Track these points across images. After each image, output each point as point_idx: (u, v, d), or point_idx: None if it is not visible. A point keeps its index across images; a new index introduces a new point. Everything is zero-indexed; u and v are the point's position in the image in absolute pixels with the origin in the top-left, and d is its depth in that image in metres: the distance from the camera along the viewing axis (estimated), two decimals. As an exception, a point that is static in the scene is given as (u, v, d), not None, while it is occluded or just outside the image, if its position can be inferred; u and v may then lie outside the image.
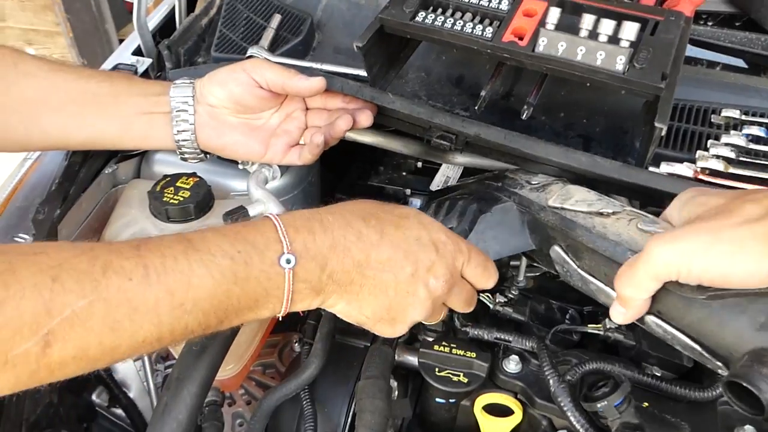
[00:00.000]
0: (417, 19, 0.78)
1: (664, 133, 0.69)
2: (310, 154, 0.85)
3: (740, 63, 0.90)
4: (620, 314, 0.60)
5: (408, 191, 1.20)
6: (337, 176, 1.24)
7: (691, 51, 0.90)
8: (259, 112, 0.85)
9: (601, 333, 0.78)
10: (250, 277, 0.56)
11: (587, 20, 0.70)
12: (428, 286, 0.63)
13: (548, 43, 0.72)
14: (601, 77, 0.71)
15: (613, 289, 0.63)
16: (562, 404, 0.69)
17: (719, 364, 0.57)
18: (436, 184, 1.15)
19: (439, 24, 0.77)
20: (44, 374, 0.49)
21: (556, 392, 0.69)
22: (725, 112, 0.80)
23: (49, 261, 0.49)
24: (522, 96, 0.87)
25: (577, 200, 0.69)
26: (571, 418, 0.67)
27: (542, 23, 0.73)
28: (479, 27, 0.76)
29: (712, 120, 0.81)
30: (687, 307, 0.56)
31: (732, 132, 0.77)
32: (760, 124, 0.78)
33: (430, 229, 0.65)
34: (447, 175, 1.15)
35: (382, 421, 0.68)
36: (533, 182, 0.78)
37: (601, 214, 0.66)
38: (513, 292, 0.82)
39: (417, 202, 1.20)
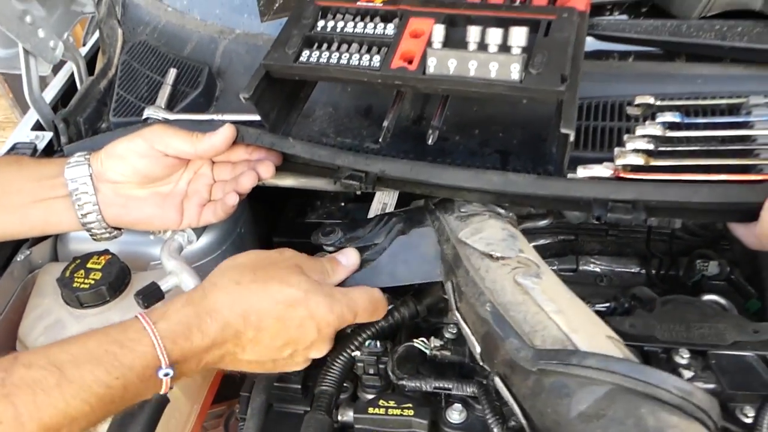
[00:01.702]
0: (301, 59, 0.73)
1: (572, 138, 0.64)
2: (224, 212, 0.80)
3: (654, 49, 0.86)
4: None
5: (348, 222, 1.15)
6: (275, 215, 1.19)
7: (601, 45, 0.86)
8: (166, 178, 0.80)
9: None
10: (128, 394, 0.57)
11: (473, 32, 0.66)
12: (308, 358, 0.69)
13: (438, 63, 0.67)
14: (499, 89, 0.66)
15: (476, 340, 0.63)
16: (507, 453, 0.63)
17: None
18: (374, 211, 1.10)
19: (325, 61, 0.72)
20: None
21: (501, 442, 0.64)
22: (639, 100, 0.76)
23: None
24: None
25: (482, 237, 0.68)
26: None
27: (429, 43, 0.69)
28: (366, 57, 0.71)
29: (628, 112, 0.77)
30: (523, 377, 0.54)
31: (647, 123, 0.72)
32: (672, 108, 0.74)
33: (315, 314, 0.65)
34: (383, 201, 1.11)
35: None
36: (462, 210, 0.76)
37: (491, 256, 0.65)
38: (450, 330, 0.77)
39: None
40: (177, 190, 0.81)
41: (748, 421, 0.66)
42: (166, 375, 0.58)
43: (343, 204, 1.20)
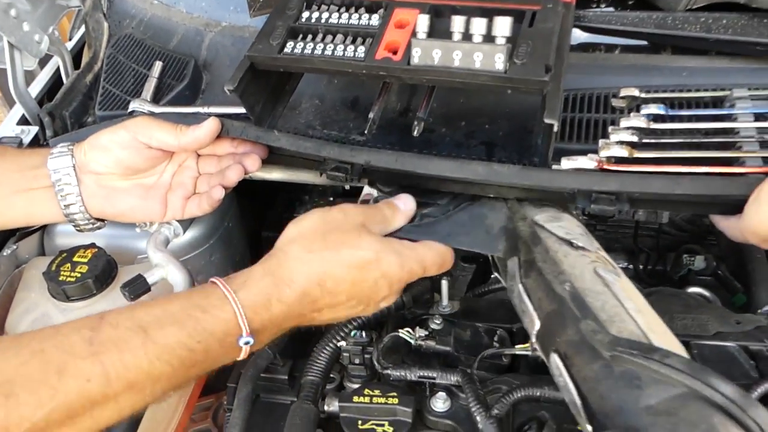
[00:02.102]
0: (286, 50, 0.73)
1: (557, 128, 0.65)
2: (209, 205, 0.80)
3: (640, 42, 0.86)
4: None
5: (337, 218, 1.15)
6: (263, 210, 1.19)
7: (588, 37, 0.86)
8: (150, 170, 0.80)
9: (530, 353, 0.73)
10: (209, 359, 0.59)
11: (458, 22, 0.66)
12: (379, 308, 0.70)
13: (423, 53, 0.67)
14: (483, 80, 0.66)
15: (537, 316, 0.62)
16: (491, 440, 0.64)
17: (589, 428, 0.53)
18: (362, 206, 1.10)
19: (309, 52, 0.72)
20: None
21: (484, 429, 0.65)
22: (624, 92, 0.76)
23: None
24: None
25: (561, 225, 0.68)
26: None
27: (414, 33, 0.68)
28: (351, 48, 0.71)
29: (613, 104, 0.77)
30: (590, 360, 0.54)
31: (632, 114, 0.72)
32: (657, 100, 0.74)
33: (387, 273, 0.66)
34: (371, 194, 1.11)
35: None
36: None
37: (571, 244, 0.65)
38: (436, 321, 0.77)
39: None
40: (161, 182, 0.80)
41: None
42: (246, 343, 0.60)
43: (331, 198, 1.20)
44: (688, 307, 0.78)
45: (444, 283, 0.80)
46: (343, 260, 0.64)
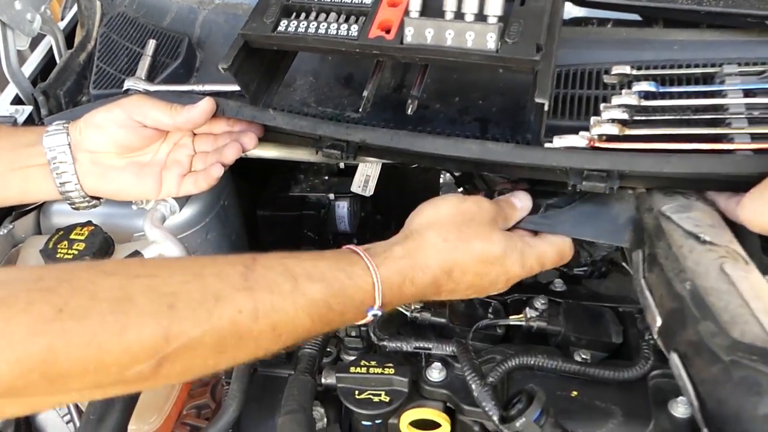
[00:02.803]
0: (279, 29, 0.73)
1: (547, 107, 0.65)
2: (206, 183, 0.81)
3: (633, 15, 0.87)
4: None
5: (332, 196, 1.16)
6: (258, 190, 1.20)
7: (580, 12, 0.86)
8: (145, 148, 0.80)
9: (524, 323, 0.74)
10: (341, 320, 0.62)
11: (450, 1, 0.66)
12: (488, 294, 0.72)
13: (415, 32, 0.68)
14: (475, 59, 0.67)
15: (659, 313, 0.62)
16: (486, 408, 0.66)
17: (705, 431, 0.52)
18: (357, 184, 1.11)
19: (303, 30, 0.73)
20: (146, 386, 0.52)
21: (479, 397, 0.66)
22: (616, 70, 0.77)
23: (163, 287, 0.51)
24: (414, 86, 0.83)
25: (690, 216, 0.66)
26: (497, 422, 0.64)
27: (407, 12, 0.69)
28: (344, 26, 0.71)
29: (605, 81, 0.78)
30: (709, 363, 0.52)
31: (624, 92, 0.73)
32: (648, 78, 0.75)
33: (508, 270, 0.68)
34: (366, 173, 1.11)
35: (307, 456, 0.65)
36: None
37: (698, 238, 0.63)
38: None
39: (344, 204, 1.17)
40: (156, 160, 0.81)
41: None
42: (374, 315, 0.63)
43: (326, 177, 1.20)
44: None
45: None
46: (473, 253, 0.66)
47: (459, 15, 0.66)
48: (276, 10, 0.74)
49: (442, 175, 1.27)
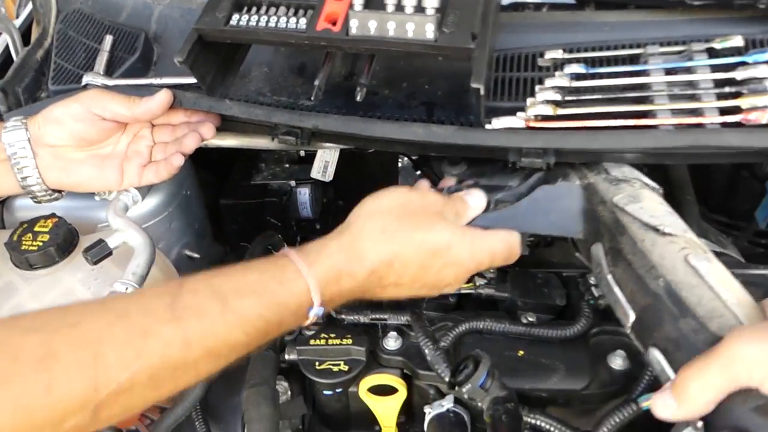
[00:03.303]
0: (231, 23, 0.77)
1: (483, 92, 0.70)
2: (167, 172, 0.84)
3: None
4: (668, 408, 0.51)
5: (293, 183, 1.20)
6: (220, 180, 1.23)
7: (518, -3, 0.92)
8: (105, 140, 0.83)
9: (473, 291, 0.80)
10: (280, 328, 0.62)
11: (391, -5, 0.70)
12: (440, 293, 0.72)
13: (359, 24, 0.72)
14: (416, 48, 0.72)
15: (632, 308, 0.61)
16: (439, 371, 0.71)
17: (699, 425, 0.51)
18: (316, 170, 1.15)
19: (254, 24, 0.76)
20: (92, 430, 0.52)
21: (432, 360, 0.72)
22: (548, 54, 0.82)
23: (87, 335, 0.50)
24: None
25: (643, 207, 0.66)
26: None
27: (351, 5, 0.73)
28: (293, 20, 0.75)
29: (539, 64, 0.83)
30: (726, 410, 0.50)
31: (557, 74, 0.79)
32: (579, 60, 0.80)
33: (455, 262, 0.68)
34: (325, 159, 1.16)
35: (272, 426, 0.70)
36: (611, 173, 0.74)
37: (657, 230, 0.63)
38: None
39: (305, 190, 1.21)
40: (116, 152, 0.84)
41: None
42: (315, 314, 0.63)
43: (287, 165, 1.24)
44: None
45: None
46: (415, 244, 0.66)
47: (399, 7, 0.71)
48: (228, 4, 0.77)
49: (400, 159, 1.32)
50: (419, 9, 0.70)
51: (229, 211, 1.17)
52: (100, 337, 0.50)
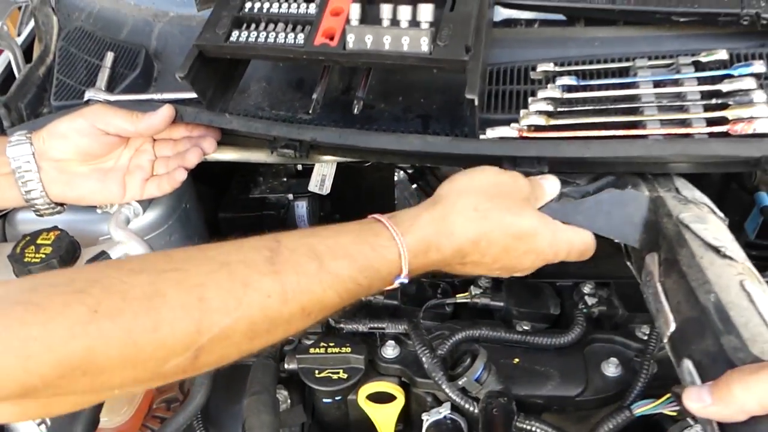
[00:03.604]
0: (231, 39, 0.79)
1: (477, 102, 0.72)
2: (169, 186, 0.86)
3: (558, 16, 0.95)
4: (701, 402, 0.51)
5: (291, 196, 1.22)
6: (219, 193, 1.25)
7: (510, 14, 0.94)
8: (108, 155, 0.85)
9: (469, 300, 0.81)
10: (368, 291, 0.62)
11: (386, 10, 0.73)
12: (514, 275, 0.72)
13: (356, 38, 0.74)
14: (411, 61, 0.74)
15: (674, 318, 0.61)
16: (436, 378, 0.72)
17: None
18: (314, 184, 1.17)
19: (253, 40, 0.78)
20: (186, 376, 0.53)
21: (429, 368, 0.73)
22: (540, 67, 0.84)
23: (191, 279, 0.52)
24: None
25: (707, 228, 0.66)
26: (446, 390, 0.71)
27: (348, 20, 0.75)
28: (291, 35, 0.77)
29: (531, 77, 0.85)
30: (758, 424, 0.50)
31: (549, 86, 0.81)
32: (569, 73, 0.82)
33: (536, 249, 0.69)
34: (322, 173, 1.17)
35: (272, 434, 0.70)
36: (681, 192, 0.75)
37: (718, 251, 0.63)
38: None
39: (303, 203, 1.22)
40: (119, 166, 0.85)
41: (644, 338, 0.77)
42: (401, 283, 0.63)
43: (285, 179, 1.26)
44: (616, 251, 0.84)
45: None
46: (503, 226, 0.66)
47: (395, 22, 0.73)
48: (228, 21, 0.79)
49: (396, 173, 1.33)
50: (414, 23, 0.72)
51: (228, 224, 1.19)
52: (204, 283, 0.52)
